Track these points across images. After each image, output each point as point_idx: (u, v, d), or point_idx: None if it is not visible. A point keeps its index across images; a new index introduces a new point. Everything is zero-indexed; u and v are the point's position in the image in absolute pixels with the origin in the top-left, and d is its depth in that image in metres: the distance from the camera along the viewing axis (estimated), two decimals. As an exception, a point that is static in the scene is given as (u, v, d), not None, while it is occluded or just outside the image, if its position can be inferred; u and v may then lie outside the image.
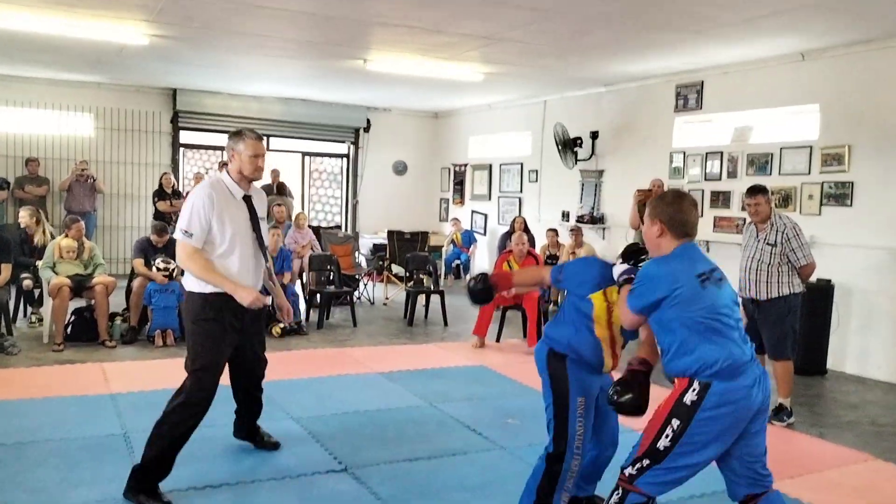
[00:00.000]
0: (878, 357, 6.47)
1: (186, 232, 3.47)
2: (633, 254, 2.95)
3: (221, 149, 12.07)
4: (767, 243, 5.14)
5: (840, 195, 6.85)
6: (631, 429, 3.36)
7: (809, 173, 7.16)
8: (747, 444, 2.60)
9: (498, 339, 7.62)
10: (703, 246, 8.11)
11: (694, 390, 2.53)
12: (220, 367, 3.56)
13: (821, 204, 7.03)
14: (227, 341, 3.58)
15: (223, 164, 11.30)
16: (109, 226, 11.38)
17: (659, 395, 2.76)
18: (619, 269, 2.93)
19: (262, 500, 3.45)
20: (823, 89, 7.10)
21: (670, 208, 2.67)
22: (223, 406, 3.89)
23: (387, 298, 10.04)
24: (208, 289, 3.49)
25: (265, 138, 12.30)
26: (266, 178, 11.31)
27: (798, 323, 5.19)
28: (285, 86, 10.80)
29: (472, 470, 4.04)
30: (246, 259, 3.60)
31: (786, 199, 7.37)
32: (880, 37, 6.46)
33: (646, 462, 2.58)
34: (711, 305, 2.55)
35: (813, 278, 5.77)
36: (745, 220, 5.48)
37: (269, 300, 3.79)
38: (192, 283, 3.54)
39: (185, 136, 12.01)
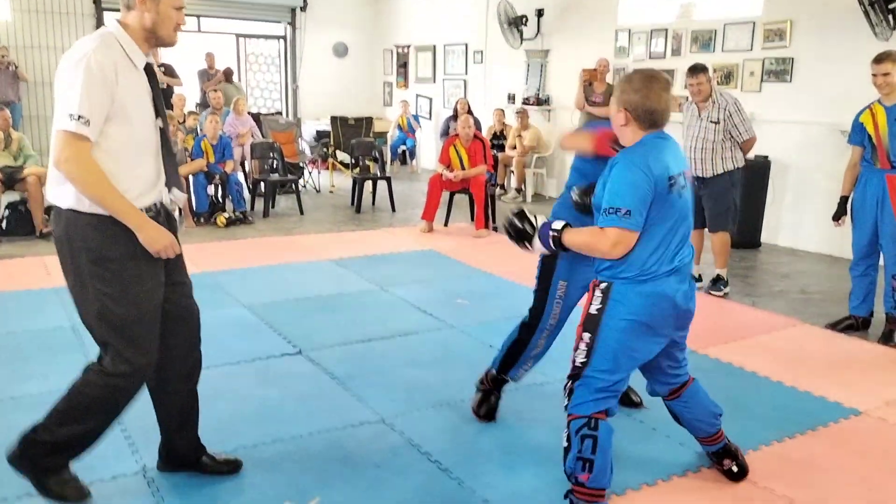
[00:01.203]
0: (811, 230, 6.76)
1: (78, 117, 2.21)
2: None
3: (150, 32, 11.41)
4: (711, 121, 5.21)
5: (780, 71, 6.92)
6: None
7: (752, 49, 7.18)
8: (670, 352, 2.59)
9: (446, 224, 7.68)
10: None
11: (598, 298, 2.44)
12: (156, 319, 2.44)
13: (761, 80, 7.11)
14: (157, 280, 2.44)
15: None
16: (36, 115, 10.77)
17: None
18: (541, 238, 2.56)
19: (221, 384, 3.50)
20: (769, -37, 7.02)
21: (637, 95, 2.37)
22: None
23: (333, 186, 9.94)
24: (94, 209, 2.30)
25: (196, 19, 11.83)
26: (200, 62, 10.82)
27: (738, 197, 5.37)
28: (215, -38, 10.15)
29: (424, 348, 4.17)
30: (149, 159, 2.43)
31: (728, 77, 7.42)
32: None
33: (570, 383, 2.49)
34: (663, 216, 2.35)
35: (751, 154, 5.91)
36: (686, 98, 5.49)
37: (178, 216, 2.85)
38: (77, 199, 2.30)
39: (109, 18, 11.25)
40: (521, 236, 2.57)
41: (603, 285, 2.44)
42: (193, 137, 7.93)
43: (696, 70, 5.25)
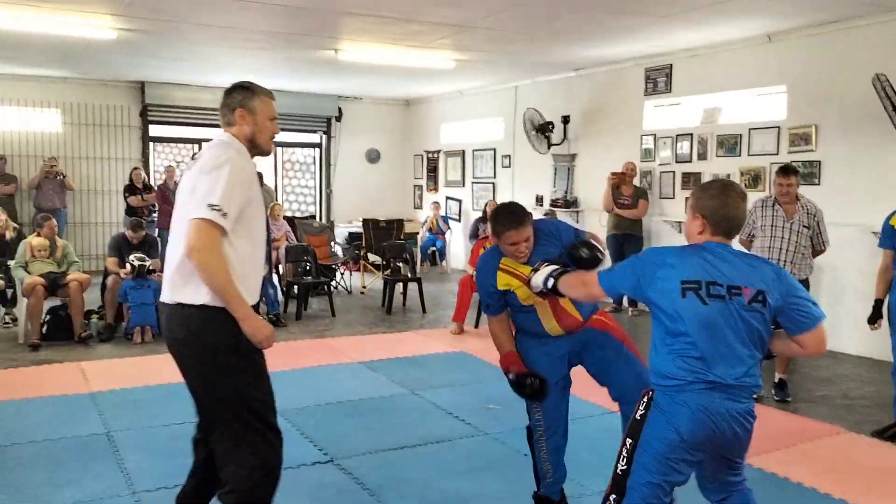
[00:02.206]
0: (849, 331, 6.63)
1: (219, 209, 2.32)
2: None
3: (192, 141, 11.98)
4: (804, 225, 5.15)
5: (808, 174, 6.98)
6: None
7: (778, 153, 7.29)
8: (721, 469, 2.46)
9: (477, 325, 7.69)
10: (676, 227, 8.24)
11: (643, 404, 2.40)
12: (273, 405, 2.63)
13: (789, 183, 7.16)
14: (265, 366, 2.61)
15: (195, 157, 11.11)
16: (81, 222, 11.23)
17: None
18: (542, 273, 2.79)
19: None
20: (790, 70, 7.22)
21: (714, 201, 2.35)
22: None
23: (364, 287, 10.06)
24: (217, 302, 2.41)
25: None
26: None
27: None
28: (256, 77, 10.55)
29: (457, 456, 4.10)
30: (259, 261, 2.61)
31: (755, 179, 7.50)
32: (845, 17, 6.57)
33: (612, 499, 2.40)
34: (683, 316, 2.30)
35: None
36: (769, 198, 5.35)
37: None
38: (211, 295, 2.40)
39: (155, 130, 11.86)
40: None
41: (650, 392, 2.41)
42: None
43: (789, 171, 5.19)
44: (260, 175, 11.28)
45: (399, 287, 8.90)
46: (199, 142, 12.05)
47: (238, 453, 2.48)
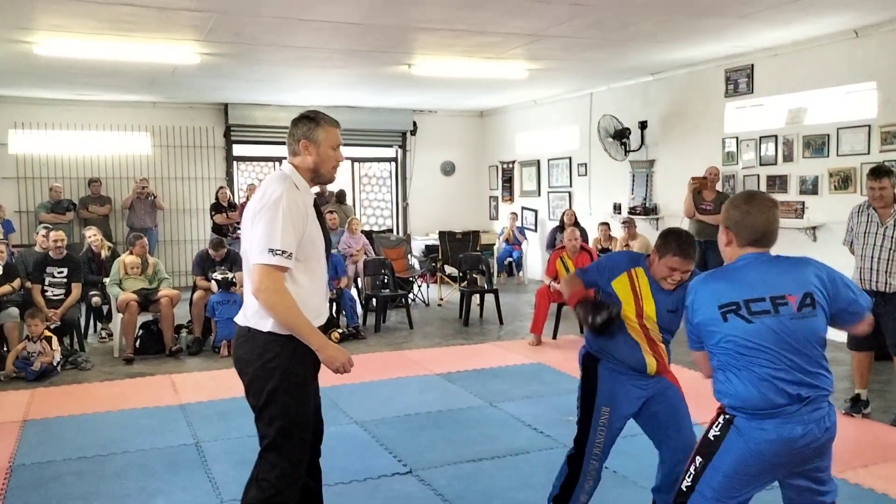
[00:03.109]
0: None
1: (280, 252, 2.45)
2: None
3: (273, 160, 12.35)
4: None
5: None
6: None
7: (869, 152, 6.94)
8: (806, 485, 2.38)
9: (555, 336, 7.61)
10: (761, 232, 7.93)
11: (718, 424, 2.36)
12: (310, 431, 2.73)
13: (883, 183, 6.81)
14: (312, 389, 2.74)
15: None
16: (170, 240, 11.73)
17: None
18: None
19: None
20: (880, 66, 6.87)
21: (736, 211, 2.36)
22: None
23: (441, 299, 10.10)
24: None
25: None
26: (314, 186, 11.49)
27: None
28: (332, 94, 10.96)
29: (535, 469, 4.06)
30: (321, 285, 2.71)
31: (845, 181, 7.16)
32: (939, 7, 6.23)
33: None
34: (734, 339, 2.26)
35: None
36: (867, 204, 4.99)
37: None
38: (275, 323, 2.55)
39: (238, 150, 12.29)
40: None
41: (727, 414, 2.34)
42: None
43: (881, 173, 4.81)
44: (343, 193, 11.61)
45: (476, 298, 8.91)
46: (279, 160, 12.40)
47: (272, 458, 2.62)
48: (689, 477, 2.38)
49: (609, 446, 3.06)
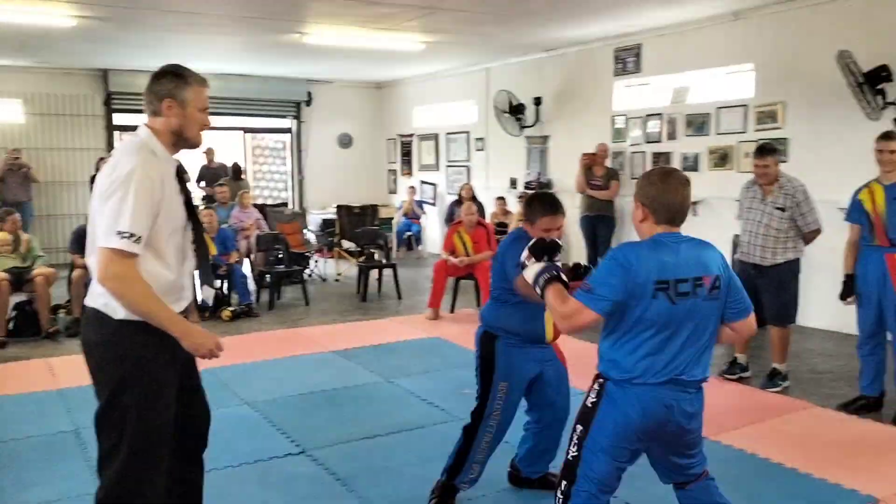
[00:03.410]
0: (818, 307, 6.71)
1: (128, 235, 2.20)
2: (543, 250, 2.57)
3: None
4: (776, 207, 4.91)
5: (778, 152, 7.02)
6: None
7: (745, 131, 7.33)
8: (672, 458, 2.47)
9: (452, 310, 7.68)
10: (648, 207, 8.26)
11: (594, 391, 2.41)
12: (170, 428, 2.43)
13: (757, 161, 7.22)
14: (172, 386, 2.45)
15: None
16: (47, 215, 11.03)
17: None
18: (532, 269, 2.51)
19: (220, 489, 3.44)
20: (757, 48, 7.25)
21: (653, 189, 2.35)
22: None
23: (339, 275, 10.00)
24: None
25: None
26: (200, 157, 11.09)
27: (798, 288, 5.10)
28: (222, 62, 10.55)
29: (430, 443, 4.10)
30: (182, 263, 2.45)
31: (724, 158, 7.55)
32: (809, -5, 6.62)
33: (563, 485, 2.42)
34: (651, 317, 2.28)
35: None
36: (752, 182, 5.19)
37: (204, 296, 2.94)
38: (111, 304, 2.28)
39: (120, 119, 11.66)
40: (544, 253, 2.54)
41: (601, 379, 2.41)
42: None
43: (765, 151, 4.96)
44: (238, 167, 11.22)
45: (374, 274, 8.86)
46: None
47: (105, 464, 2.35)
48: (573, 447, 2.42)
49: (507, 421, 3.16)
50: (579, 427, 2.41)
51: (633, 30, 8.22)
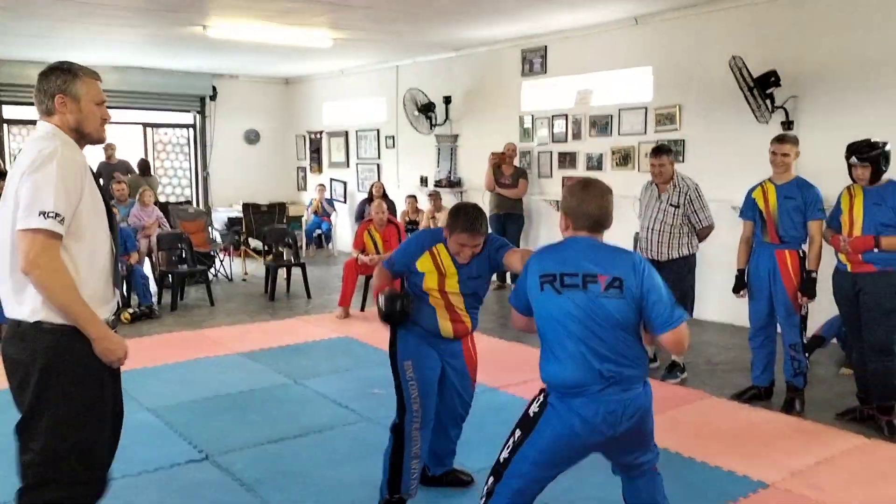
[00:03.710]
0: (712, 300, 7.03)
1: (55, 215, 2.11)
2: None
3: (52, 123, 11.17)
4: (671, 204, 5.15)
5: (673, 152, 7.30)
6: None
7: (646, 132, 7.60)
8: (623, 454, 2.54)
9: (363, 309, 7.63)
10: (554, 206, 8.46)
11: (538, 401, 2.48)
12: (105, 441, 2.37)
13: (658, 161, 7.49)
14: (114, 396, 2.41)
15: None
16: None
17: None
18: None
19: (120, 498, 3.29)
20: (655, 52, 7.52)
21: (574, 199, 2.50)
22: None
23: (245, 274, 9.77)
24: (60, 318, 2.20)
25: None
26: (100, 154, 10.61)
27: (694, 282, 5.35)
28: (120, 54, 10.09)
29: (339, 444, 4.07)
30: (105, 266, 2.36)
31: (626, 158, 7.80)
32: (704, 1, 6.90)
33: (490, 482, 2.50)
34: (546, 310, 2.43)
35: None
36: (650, 182, 5.44)
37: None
38: (46, 311, 2.19)
39: (9, 112, 10.99)
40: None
41: (545, 391, 2.48)
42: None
43: (661, 151, 5.21)
44: (146, 164, 10.76)
45: (282, 273, 8.70)
46: (60, 124, 11.30)
47: (29, 478, 2.26)
48: (507, 449, 2.47)
49: (429, 407, 3.12)
50: (518, 432, 2.47)
51: (540, 31, 8.37)
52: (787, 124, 6.37)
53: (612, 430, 2.37)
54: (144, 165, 10.73)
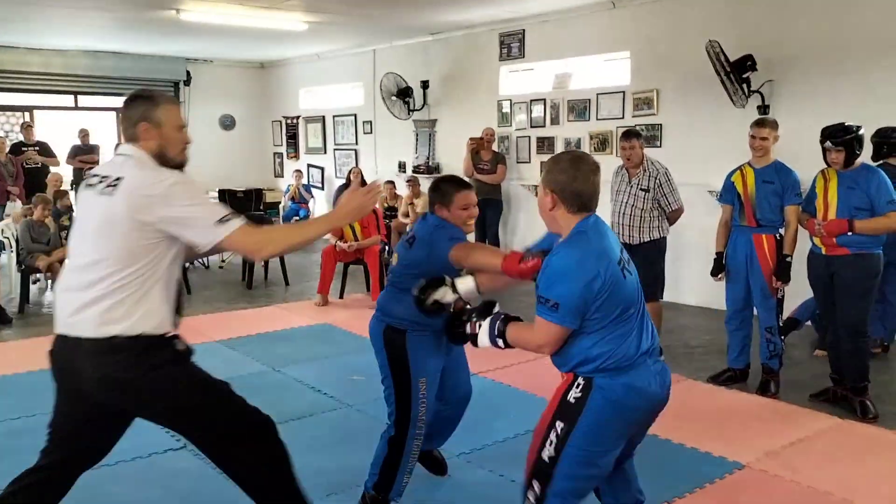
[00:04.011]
0: (690, 285, 7.10)
1: (227, 217, 2.33)
2: (487, 306, 2.47)
3: (20, 109, 11.02)
4: (641, 188, 5.18)
5: (651, 137, 7.34)
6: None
7: (623, 117, 7.62)
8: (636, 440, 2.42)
9: (341, 296, 7.61)
10: (533, 191, 8.47)
11: (578, 386, 2.23)
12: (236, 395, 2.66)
13: (625, 145, 7.52)
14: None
15: (27, 126, 10.29)
16: None
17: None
18: (484, 333, 2.38)
19: (95, 489, 3.26)
20: (633, 36, 7.52)
21: (564, 175, 2.24)
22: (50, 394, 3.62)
23: (223, 261, 9.68)
24: (146, 326, 2.36)
25: (73, 96, 11.44)
26: (73, 138, 10.46)
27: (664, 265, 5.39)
28: (92, 38, 9.91)
29: (319, 432, 4.06)
30: (178, 274, 2.57)
31: (603, 143, 7.82)
32: (681, -14, 6.92)
33: (537, 487, 2.23)
34: (628, 297, 2.23)
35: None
36: (621, 166, 5.42)
37: None
38: (115, 325, 2.31)
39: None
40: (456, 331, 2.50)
41: (584, 377, 2.24)
42: (69, 218, 7.56)
43: (630, 135, 5.23)
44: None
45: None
46: (28, 109, 11.11)
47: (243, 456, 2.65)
48: (550, 445, 2.22)
49: (429, 418, 3.00)
50: (560, 423, 2.21)
51: (517, 15, 8.34)
52: (764, 108, 6.41)
53: (665, 395, 2.30)
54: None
